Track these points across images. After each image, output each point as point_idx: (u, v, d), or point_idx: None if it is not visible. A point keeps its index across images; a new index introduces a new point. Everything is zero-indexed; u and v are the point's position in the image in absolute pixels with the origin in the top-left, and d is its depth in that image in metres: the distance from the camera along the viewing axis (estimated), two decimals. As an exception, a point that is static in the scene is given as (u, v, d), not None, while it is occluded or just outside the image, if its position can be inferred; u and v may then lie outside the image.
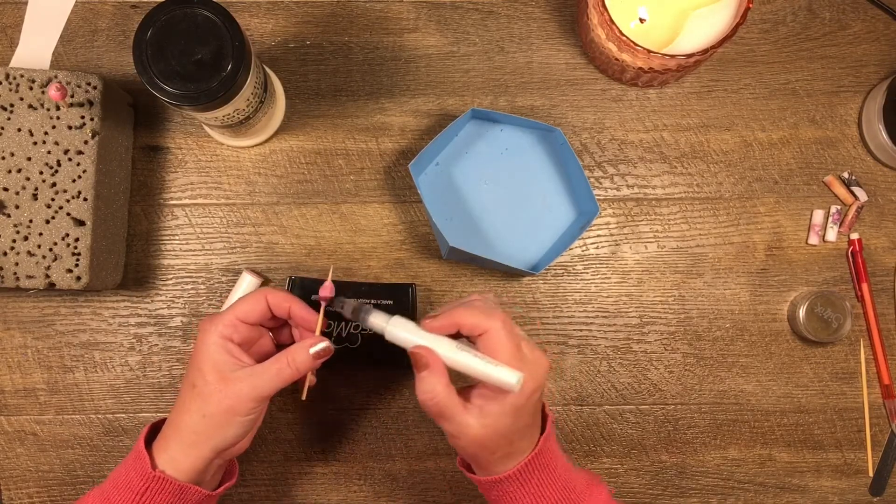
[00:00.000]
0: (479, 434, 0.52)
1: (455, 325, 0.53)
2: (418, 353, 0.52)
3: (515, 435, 0.53)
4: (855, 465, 0.72)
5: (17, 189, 0.62)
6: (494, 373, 0.50)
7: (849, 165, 0.73)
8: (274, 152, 0.72)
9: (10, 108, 0.63)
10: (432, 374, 0.51)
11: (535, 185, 0.71)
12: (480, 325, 0.52)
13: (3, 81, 0.63)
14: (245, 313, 0.55)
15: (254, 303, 0.56)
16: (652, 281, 0.72)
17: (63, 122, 0.63)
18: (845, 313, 0.70)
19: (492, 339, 0.51)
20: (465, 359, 0.51)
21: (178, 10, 0.56)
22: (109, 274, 0.67)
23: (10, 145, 0.63)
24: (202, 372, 0.53)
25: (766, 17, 0.73)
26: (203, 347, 0.54)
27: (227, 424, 0.53)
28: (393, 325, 0.54)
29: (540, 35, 0.73)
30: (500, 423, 0.52)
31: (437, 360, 0.52)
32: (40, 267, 0.62)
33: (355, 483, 0.71)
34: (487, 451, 0.53)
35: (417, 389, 0.52)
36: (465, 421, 0.52)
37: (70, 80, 0.63)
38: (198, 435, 0.53)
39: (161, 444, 0.54)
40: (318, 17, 0.72)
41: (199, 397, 0.53)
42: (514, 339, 0.52)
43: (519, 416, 0.52)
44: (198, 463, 0.53)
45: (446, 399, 0.51)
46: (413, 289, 0.69)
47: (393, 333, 0.54)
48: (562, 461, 0.56)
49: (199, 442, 0.53)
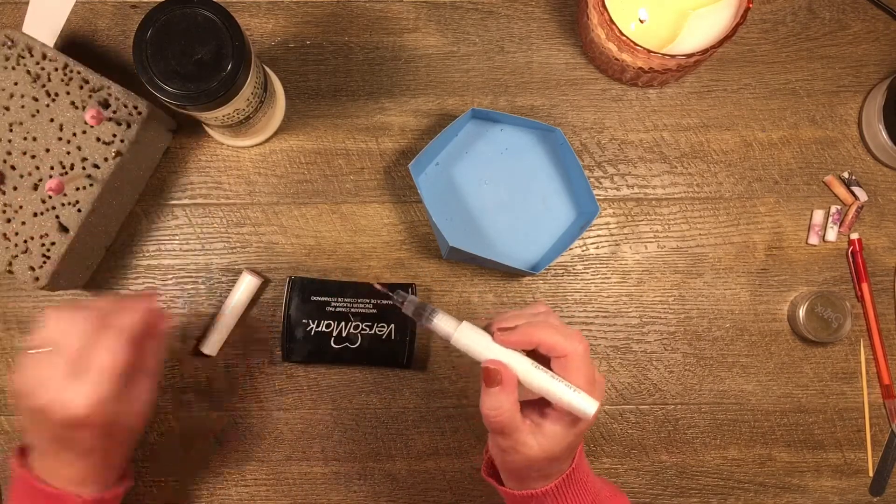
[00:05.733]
0: (536, 454, 0.50)
1: (532, 343, 0.49)
2: (493, 369, 0.49)
3: (564, 454, 0.52)
4: (855, 465, 0.72)
5: (23, 172, 0.62)
6: (573, 400, 0.48)
7: (849, 165, 0.73)
8: (274, 152, 0.72)
9: (54, 97, 0.62)
10: (503, 390, 0.49)
11: (535, 185, 0.71)
12: (561, 347, 0.49)
13: (59, 70, 0.63)
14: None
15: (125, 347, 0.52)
16: (652, 281, 0.72)
17: (94, 132, 0.63)
18: (845, 313, 0.70)
19: (571, 364, 0.49)
20: (544, 381, 0.49)
21: (177, 10, 0.56)
22: (71, 279, 0.66)
23: (37, 130, 0.62)
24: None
25: (766, 17, 0.73)
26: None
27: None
28: (461, 332, 0.50)
29: (540, 35, 0.73)
30: (558, 445, 0.50)
31: (511, 377, 0.49)
32: (7, 253, 0.62)
33: (355, 483, 0.71)
34: (535, 470, 0.52)
35: (484, 403, 0.49)
36: (525, 440, 0.50)
37: (119, 97, 0.63)
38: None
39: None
40: (318, 17, 0.72)
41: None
42: (591, 367, 0.50)
43: (575, 440, 0.51)
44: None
45: (513, 417, 0.49)
46: (413, 289, 0.69)
47: (461, 342, 0.50)
48: (591, 474, 0.55)
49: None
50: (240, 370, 0.71)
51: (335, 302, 0.69)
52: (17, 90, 0.62)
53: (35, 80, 0.62)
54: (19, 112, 0.62)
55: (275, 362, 0.71)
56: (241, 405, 0.71)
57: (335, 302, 0.69)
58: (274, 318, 0.71)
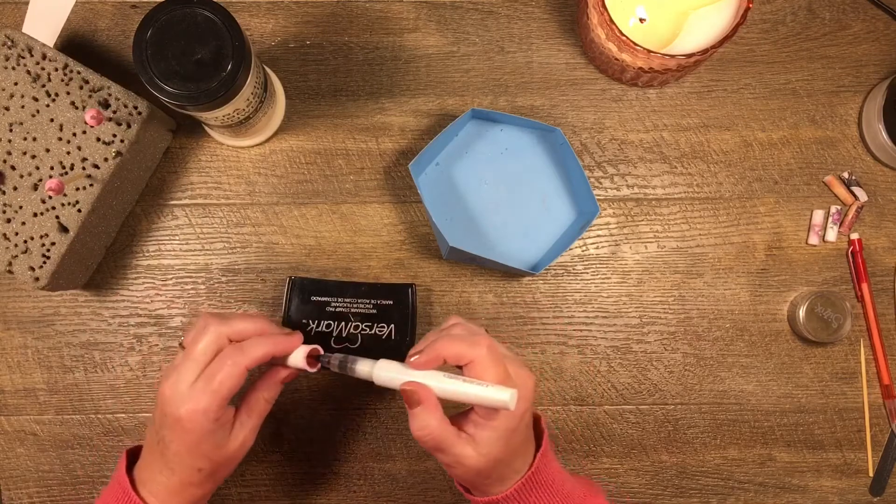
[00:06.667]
0: (477, 463, 0.51)
1: (439, 359, 0.52)
2: (409, 390, 0.51)
3: (510, 457, 0.53)
4: (855, 465, 0.72)
5: (23, 173, 0.62)
6: (487, 394, 0.50)
7: (849, 165, 0.73)
8: (274, 152, 0.72)
9: (54, 97, 0.63)
10: (426, 409, 0.51)
11: (535, 185, 0.71)
12: (465, 354, 0.51)
13: (59, 70, 0.63)
14: (233, 386, 0.54)
15: (238, 378, 0.54)
16: (652, 281, 0.72)
17: (94, 133, 0.63)
18: (845, 313, 0.70)
19: (478, 366, 0.51)
20: (456, 386, 0.51)
21: (178, 10, 0.56)
22: (71, 279, 0.66)
23: (37, 130, 0.62)
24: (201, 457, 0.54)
25: (766, 17, 0.73)
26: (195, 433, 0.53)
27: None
28: (379, 368, 0.54)
29: (540, 35, 0.73)
30: (495, 449, 0.51)
31: (429, 394, 0.51)
32: (7, 253, 0.62)
33: (355, 483, 0.71)
34: (484, 477, 0.53)
35: (412, 426, 0.51)
36: (462, 452, 0.51)
37: (119, 97, 0.63)
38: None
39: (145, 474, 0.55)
40: (318, 17, 0.72)
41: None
42: (500, 363, 0.51)
43: (512, 438, 0.52)
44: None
45: (442, 432, 0.51)
46: (413, 289, 0.69)
47: (381, 377, 0.54)
48: (559, 475, 0.56)
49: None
50: (240, 370, 0.71)
51: (335, 302, 0.69)
52: (17, 90, 0.62)
53: (35, 80, 0.62)
54: (19, 112, 0.62)
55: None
56: (241, 405, 0.71)
57: (335, 302, 0.69)
58: (274, 319, 0.70)
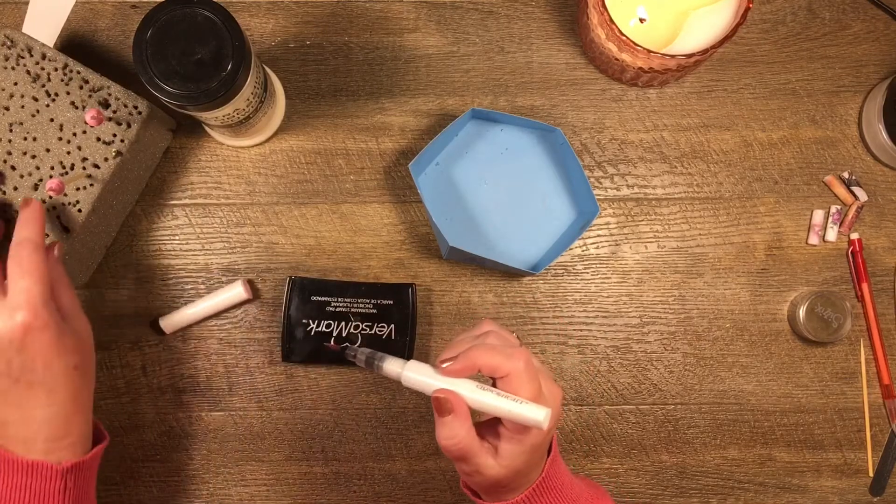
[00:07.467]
0: (497, 473, 0.51)
1: (474, 368, 0.50)
2: (442, 398, 0.50)
3: (529, 468, 0.52)
4: (855, 465, 0.72)
5: (23, 173, 0.62)
6: (521, 411, 0.48)
7: (849, 165, 0.73)
8: (274, 152, 0.72)
9: (54, 97, 0.62)
10: (456, 418, 0.49)
11: (535, 185, 0.72)
12: (502, 367, 0.49)
13: (59, 70, 0.63)
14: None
15: (32, 255, 0.54)
16: (652, 281, 0.72)
17: (94, 132, 0.63)
18: (845, 313, 0.70)
19: (514, 381, 0.49)
20: (489, 399, 0.49)
21: (178, 10, 0.56)
22: (71, 279, 0.66)
23: (37, 130, 0.62)
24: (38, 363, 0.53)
25: (766, 17, 0.73)
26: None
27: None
28: (409, 370, 0.52)
29: (540, 35, 0.73)
30: (517, 461, 0.51)
31: (461, 403, 0.50)
32: None
33: (355, 483, 0.71)
34: (500, 486, 0.52)
35: (439, 433, 0.50)
36: (486, 462, 0.50)
37: (119, 97, 0.63)
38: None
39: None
40: (318, 17, 0.72)
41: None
42: (535, 380, 0.50)
43: (535, 453, 0.51)
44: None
45: (470, 444, 0.50)
46: (413, 289, 0.69)
47: (410, 379, 0.52)
48: (568, 479, 0.55)
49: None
50: (240, 370, 0.71)
51: (335, 302, 0.69)
52: (17, 90, 0.62)
53: (35, 80, 0.62)
54: (19, 112, 0.62)
55: (274, 362, 0.71)
56: (241, 405, 0.71)
57: (335, 302, 0.69)
58: (274, 319, 0.71)
